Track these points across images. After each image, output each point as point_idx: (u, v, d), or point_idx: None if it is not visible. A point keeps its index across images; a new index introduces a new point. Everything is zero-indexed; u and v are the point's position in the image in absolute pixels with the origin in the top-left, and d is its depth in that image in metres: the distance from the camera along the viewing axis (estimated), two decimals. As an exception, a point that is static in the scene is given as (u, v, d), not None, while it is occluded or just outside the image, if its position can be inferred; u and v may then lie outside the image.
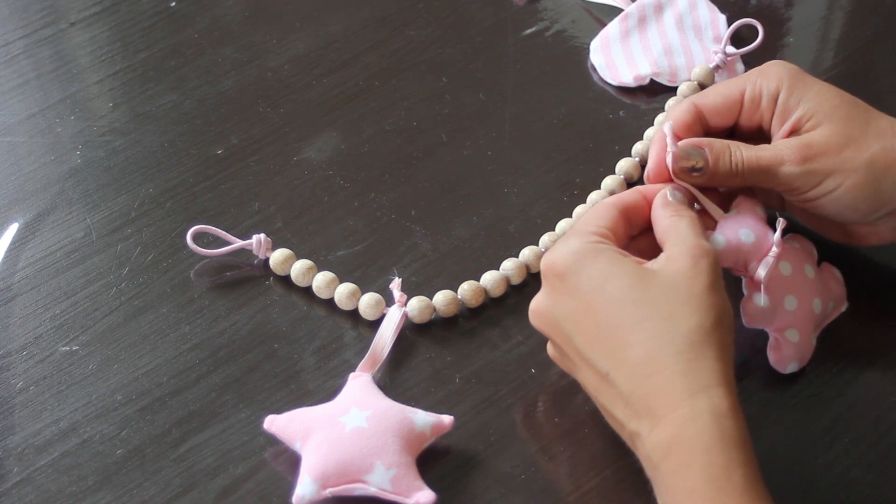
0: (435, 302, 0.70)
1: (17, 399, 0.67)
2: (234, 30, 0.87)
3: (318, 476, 0.62)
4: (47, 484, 0.64)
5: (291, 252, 0.73)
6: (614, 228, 0.63)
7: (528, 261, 0.73)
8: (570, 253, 0.61)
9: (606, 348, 0.59)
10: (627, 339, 0.58)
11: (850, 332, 0.70)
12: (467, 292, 0.71)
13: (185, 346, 0.70)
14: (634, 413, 0.58)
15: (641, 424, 0.58)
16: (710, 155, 0.65)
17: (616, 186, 0.76)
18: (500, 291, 0.72)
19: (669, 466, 0.56)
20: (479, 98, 0.83)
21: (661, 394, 0.57)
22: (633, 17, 0.85)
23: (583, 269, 0.60)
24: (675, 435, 0.56)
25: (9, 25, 0.88)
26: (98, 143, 0.80)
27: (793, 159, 0.65)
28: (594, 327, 0.59)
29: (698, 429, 0.56)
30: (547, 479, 0.65)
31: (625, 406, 0.58)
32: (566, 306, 0.61)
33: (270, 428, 0.64)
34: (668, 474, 0.56)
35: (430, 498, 0.62)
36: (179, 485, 0.64)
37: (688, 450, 0.56)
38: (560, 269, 0.61)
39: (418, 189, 0.78)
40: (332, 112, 0.82)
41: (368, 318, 0.70)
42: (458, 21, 0.88)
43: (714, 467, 0.55)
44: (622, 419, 0.59)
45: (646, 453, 0.58)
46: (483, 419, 0.67)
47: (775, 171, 0.65)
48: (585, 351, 0.60)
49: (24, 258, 0.74)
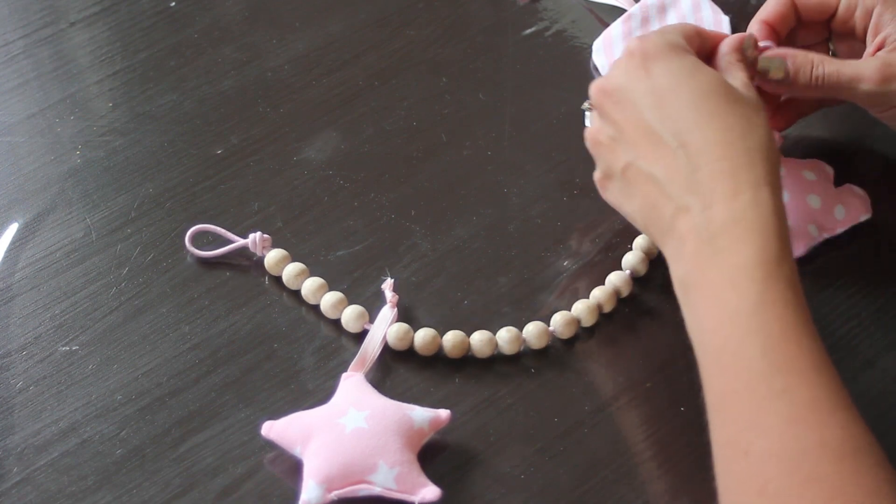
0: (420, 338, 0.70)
1: (17, 399, 0.67)
2: (233, 30, 0.87)
3: (323, 479, 0.62)
4: (47, 484, 0.64)
5: (286, 253, 0.73)
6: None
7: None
8: (665, 42, 0.64)
9: (684, 125, 0.61)
10: (709, 122, 0.61)
11: (848, 332, 0.70)
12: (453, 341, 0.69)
13: (185, 346, 0.70)
14: (692, 188, 0.60)
15: (696, 200, 0.59)
16: (792, 67, 0.68)
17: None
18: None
19: (723, 242, 0.58)
20: (479, 98, 0.83)
21: (728, 177, 0.59)
22: (636, 18, 0.85)
23: (675, 56, 0.63)
24: (735, 214, 0.58)
25: (9, 25, 0.87)
26: (98, 143, 0.80)
27: (873, 78, 0.67)
28: (676, 107, 0.62)
29: (759, 215, 0.58)
30: (547, 479, 0.64)
31: (685, 180, 0.60)
32: (648, 83, 0.63)
33: (269, 434, 0.64)
34: (720, 249, 0.58)
35: (435, 494, 0.62)
36: (179, 485, 0.64)
37: (747, 229, 0.57)
38: (652, 51, 0.63)
39: (418, 189, 0.78)
40: (332, 112, 0.82)
41: (351, 330, 0.70)
42: (458, 21, 0.88)
43: (768, 251, 0.57)
44: (675, 193, 0.60)
45: (694, 227, 0.59)
46: (483, 419, 0.67)
47: (854, 87, 0.68)
48: (658, 124, 0.62)
49: (24, 258, 0.74)
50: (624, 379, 0.69)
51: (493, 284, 0.73)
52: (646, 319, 0.71)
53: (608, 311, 0.71)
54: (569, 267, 0.73)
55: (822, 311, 0.71)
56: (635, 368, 0.69)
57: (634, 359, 0.70)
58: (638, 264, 0.72)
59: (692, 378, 0.68)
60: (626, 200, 0.65)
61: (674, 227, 0.61)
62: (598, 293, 0.71)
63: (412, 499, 0.62)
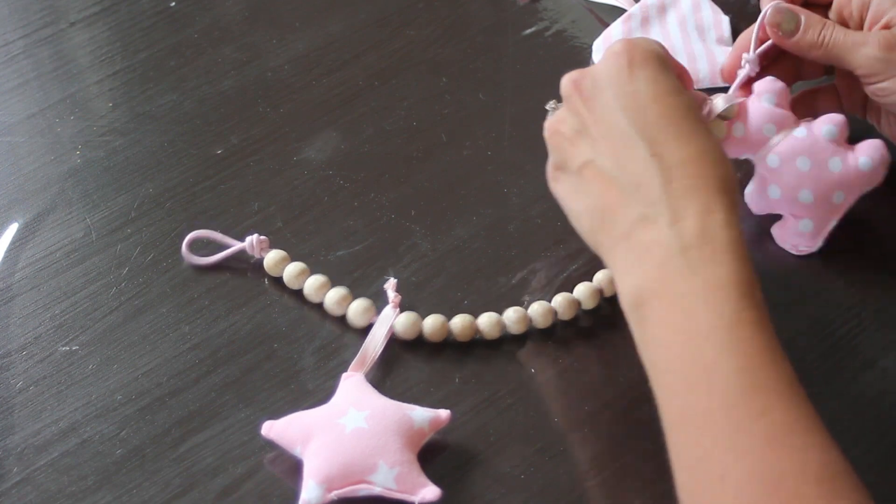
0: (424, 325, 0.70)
1: (17, 399, 0.67)
2: (233, 30, 0.87)
3: (323, 479, 0.62)
4: (47, 484, 0.64)
5: (285, 254, 0.73)
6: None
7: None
8: (654, 53, 0.63)
9: (662, 137, 0.60)
10: (686, 141, 0.60)
11: (848, 332, 0.70)
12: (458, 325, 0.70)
13: (185, 346, 0.70)
14: (661, 200, 0.59)
15: (665, 212, 0.58)
16: (804, 22, 0.71)
17: None
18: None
19: (694, 257, 0.57)
20: (479, 98, 0.83)
21: (701, 195, 0.58)
22: (636, 18, 0.85)
23: (662, 70, 0.62)
24: (708, 232, 0.57)
25: (9, 25, 0.88)
26: (98, 143, 0.80)
27: (875, 44, 0.69)
28: (655, 117, 0.61)
29: (731, 237, 0.57)
30: (547, 479, 0.64)
31: (654, 191, 0.59)
32: (631, 87, 0.62)
33: (269, 434, 0.64)
34: (691, 264, 0.57)
35: (435, 494, 0.62)
36: (179, 485, 0.64)
37: (721, 248, 0.57)
38: (640, 58, 0.62)
39: (418, 189, 0.78)
40: (332, 112, 0.82)
41: (357, 325, 0.70)
42: (458, 21, 0.88)
43: (741, 273, 0.56)
44: (640, 201, 0.59)
45: (661, 238, 0.58)
46: (483, 419, 0.67)
47: (856, 50, 0.70)
48: (633, 129, 0.61)
49: (24, 258, 0.74)
50: (624, 379, 0.69)
51: (493, 284, 0.73)
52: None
53: (609, 295, 0.71)
54: (569, 267, 0.73)
55: (822, 311, 0.71)
56: (636, 369, 0.69)
57: (635, 359, 0.70)
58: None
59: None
60: (575, 197, 0.64)
61: (631, 235, 0.59)
62: (601, 276, 0.72)
63: (412, 499, 0.62)
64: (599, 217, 0.62)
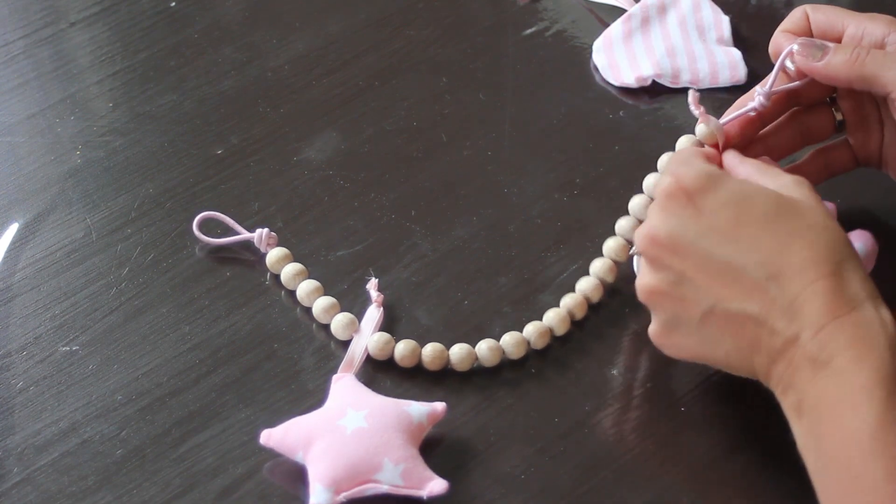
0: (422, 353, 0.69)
1: (17, 399, 0.67)
2: (233, 30, 0.87)
3: (330, 483, 0.61)
4: (47, 484, 0.64)
5: (288, 252, 0.73)
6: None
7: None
8: (701, 171, 0.61)
9: (767, 254, 0.58)
10: (789, 245, 0.58)
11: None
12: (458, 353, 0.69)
13: (185, 346, 0.70)
14: (795, 317, 0.57)
15: (803, 328, 0.57)
16: (833, 47, 0.67)
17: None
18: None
19: (840, 363, 0.56)
20: (479, 98, 0.83)
21: (830, 298, 0.57)
22: (636, 18, 0.85)
23: (721, 185, 0.60)
24: (848, 334, 0.56)
25: (9, 25, 0.87)
26: (98, 143, 0.80)
27: None
28: (746, 238, 0.59)
29: (870, 331, 0.56)
30: (547, 479, 0.64)
31: (784, 311, 0.57)
32: (705, 221, 0.60)
33: (268, 443, 0.64)
34: (839, 371, 0.56)
35: (443, 487, 0.62)
36: (179, 485, 0.64)
37: (862, 347, 0.56)
38: (693, 185, 0.60)
39: (418, 189, 0.78)
40: (332, 112, 0.82)
41: (340, 337, 0.69)
42: (458, 21, 0.88)
43: (885, 368, 0.55)
44: (779, 326, 0.58)
45: (807, 354, 0.57)
46: (483, 419, 0.67)
47: (893, 67, 0.65)
48: (736, 259, 0.59)
49: (24, 258, 0.74)
50: (624, 379, 0.69)
51: (493, 284, 0.73)
52: (647, 320, 0.71)
53: (600, 297, 0.71)
54: (569, 267, 0.73)
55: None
56: (636, 369, 0.69)
57: (635, 359, 0.70)
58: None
59: (692, 379, 0.68)
60: (712, 347, 0.61)
61: (780, 358, 0.58)
62: (595, 274, 0.71)
63: (420, 493, 0.62)
64: (748, 353, 0.60)
